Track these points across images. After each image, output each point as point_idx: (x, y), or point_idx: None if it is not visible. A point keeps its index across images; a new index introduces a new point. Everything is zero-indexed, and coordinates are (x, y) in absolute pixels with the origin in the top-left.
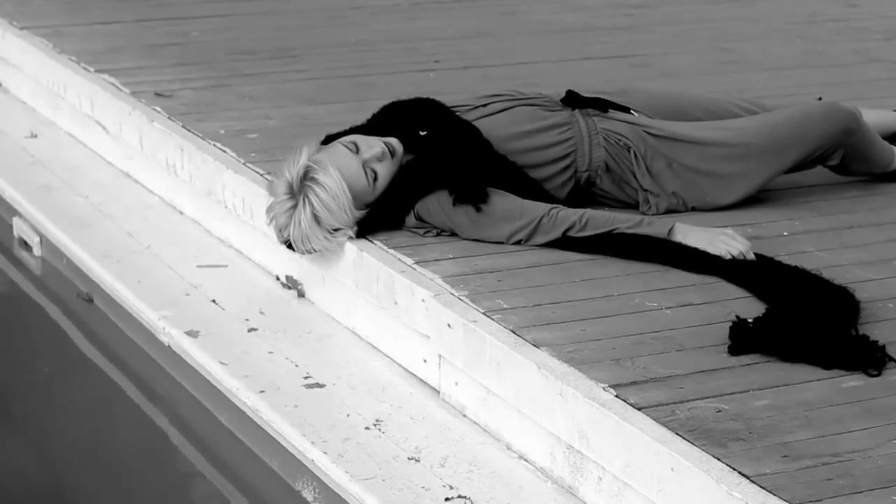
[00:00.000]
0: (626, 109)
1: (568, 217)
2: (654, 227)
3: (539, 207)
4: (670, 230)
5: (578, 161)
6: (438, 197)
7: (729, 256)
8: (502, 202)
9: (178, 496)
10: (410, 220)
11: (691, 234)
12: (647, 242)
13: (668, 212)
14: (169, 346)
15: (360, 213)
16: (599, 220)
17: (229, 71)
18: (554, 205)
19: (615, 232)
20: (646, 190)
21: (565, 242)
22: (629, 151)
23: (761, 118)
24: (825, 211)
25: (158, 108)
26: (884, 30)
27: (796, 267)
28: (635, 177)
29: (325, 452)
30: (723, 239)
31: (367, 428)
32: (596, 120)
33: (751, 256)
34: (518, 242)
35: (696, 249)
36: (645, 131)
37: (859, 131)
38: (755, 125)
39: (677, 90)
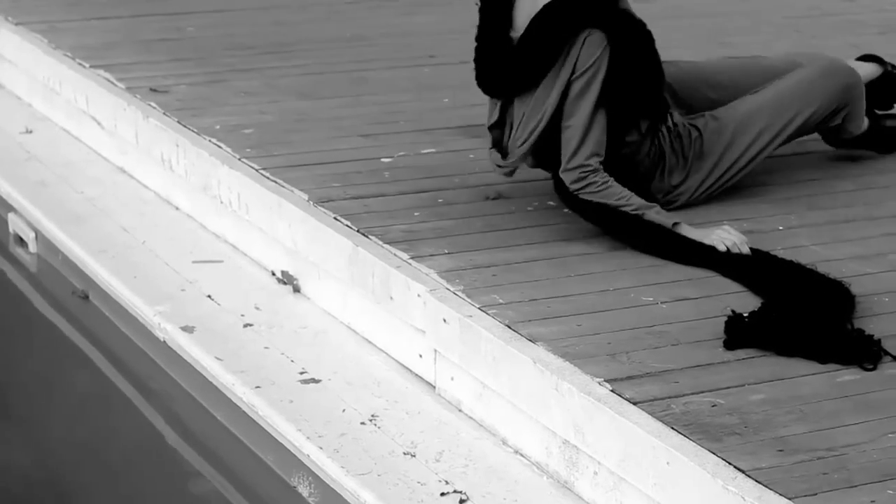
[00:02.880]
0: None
1: (601, 172)
2: (661, 216)
3: (602, 147)
4: (675, 224)
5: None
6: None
7: (723, 247)
8: (594, 115)
9: (173, 492)
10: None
11: (692, 231)
12: (649, 229)
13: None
14: (164, 342)
15: None
16: (619, 190)
17: (225, 66)
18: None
19: (625, 208)
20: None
21: (580, 203)
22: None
23: (768, 92)
24: (821, 205)
25: (154, 104)
26: (881, 24)
27: (791, 261)
28: (666, 171)
29: (321, 448)
30: (718, 233)
31: (362, 423)
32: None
33: (745, 250)
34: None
35: (693, 241)
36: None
37: (859, 85)
38: (764, 100)
39: (700, 63)
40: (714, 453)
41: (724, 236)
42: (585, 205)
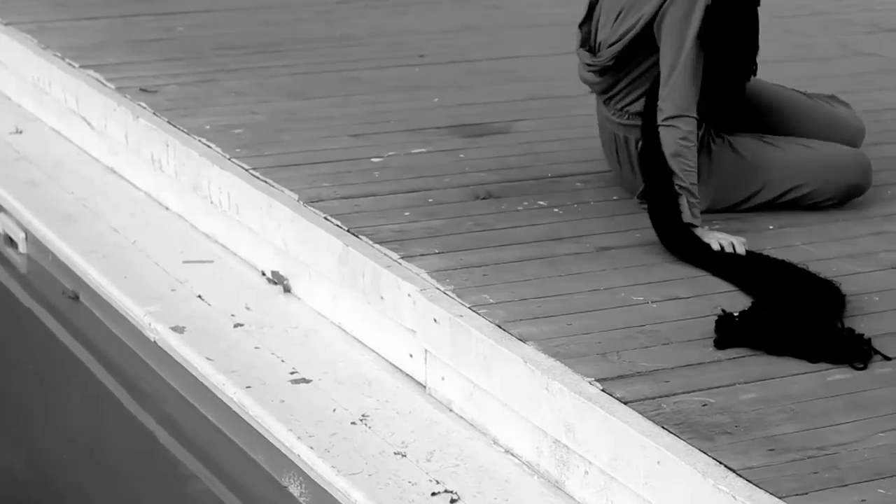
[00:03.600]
0: None
1: (692, 125)
2: (688, 208)
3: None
4: (690, 224)
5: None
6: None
7: (717, 246)
8: (694, 61)
9: (165, 492)
10: None
11: (699, 231)
12: (674, 217)
13: None
14: (155, 342)
15: None
16: (693, 158)
17: (215, 66)
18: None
19: (676, 179)
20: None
21: (657, 152)
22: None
23: (793, 155)
24: None
25: (143, 104)
26: (869, 23)
27: (783, 261)
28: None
29: (312, 447)
30: (716, 235)
31: (353, 423)
32: None
33: (741, 250)
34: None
35: (694, 238)
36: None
37: (866, 187)
38: (786, 159)
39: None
40: (705, 452)
41: (720, 236)
42: (649, 150)
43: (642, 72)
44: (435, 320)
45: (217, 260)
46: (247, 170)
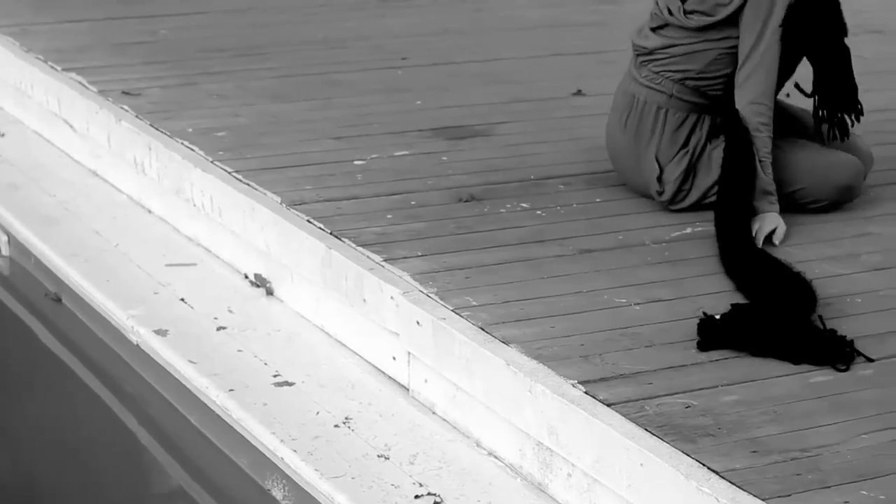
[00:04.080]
0: None
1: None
2: (765, 185)
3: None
4: (766, 196)
5: None
6: None
7: (756, 228)
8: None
9: (147, 495)
10: None
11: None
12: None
13: None
14: (138, 345)
15: None
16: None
17: (197, 69)
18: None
19: (761, 155)
20: None
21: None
22: None
23: (799, 158)
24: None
25: (126, 107)
26: (854, 25)
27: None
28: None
29: (295, 450)
30: (770, 218)
31: (336, 426)
32: None
33: (776, 237)
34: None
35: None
36: None
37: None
38: (793, 159)
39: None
40: (688, 454)
41: (770, 223)
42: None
43: (705, 49)
44: (418, 323)
45: (200, 263)
46: (229, 172)
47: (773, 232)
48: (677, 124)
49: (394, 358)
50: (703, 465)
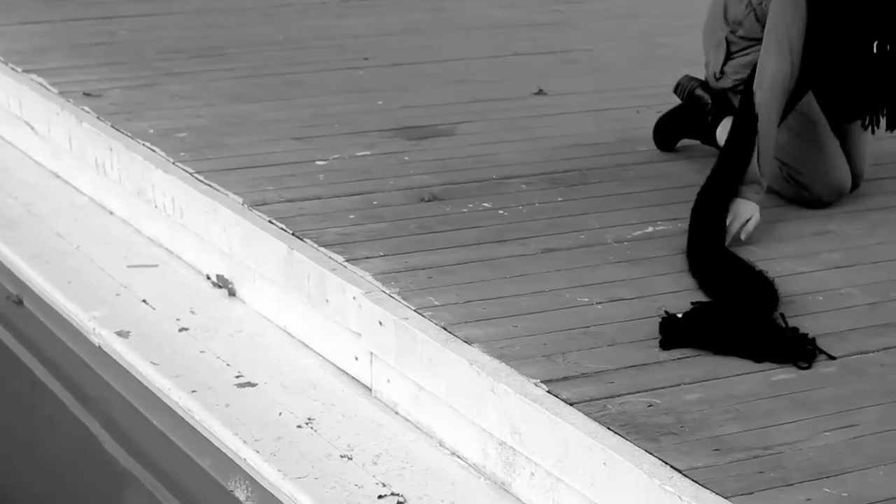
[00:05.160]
0: None
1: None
2: (760, 179)
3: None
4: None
5: None
6: None
7: (731, 218)
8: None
9: (109, 497)
10: None
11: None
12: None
13: None
14: (99, 347)
15: None
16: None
17: (158, 70)
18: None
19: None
20: None
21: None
22: None
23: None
24: None
25: (87, 108)
26: None
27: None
28: None
29: (258, 451)
30: (747, 206)
31: (299, 426)
32: None
33: (748, 227)
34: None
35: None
36: None
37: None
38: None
39: None
40: (650, 453)
41: (746, 211)
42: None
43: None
44: (380, 323)
45: (162, 264)
46: (191, 173)
47: (747, 222)
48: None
49: (356, 358)
50: (666, 463)
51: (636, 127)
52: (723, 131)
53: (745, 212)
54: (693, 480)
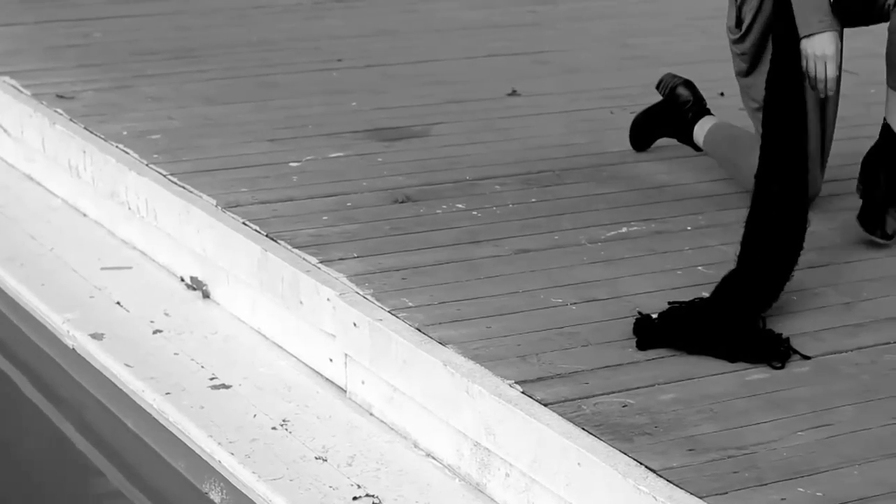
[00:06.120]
0: None
1: None
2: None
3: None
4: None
5: None
6: None
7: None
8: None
9: (84, 500)
10: None
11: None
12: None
13: None
14: (73, 349)
15: None
16: None
17: (131, 72)
18: None
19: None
20: None
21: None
22: None
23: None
24: (728, 205)
25: (60, 110)
26: None
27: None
28: None
29: (232, 453)
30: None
31: (273, 428)
32: None
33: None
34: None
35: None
36: None
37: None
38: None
39: None
40: (625, 453)
41: (817, 53)
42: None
43: None
44: (354, 324)
45: (135, 266)
46: (164, 175)
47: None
48: None
49: (331, 360)
50: (641, 463)
51: (610, 127)
52: (700, 130)
53: (817, 47)
54: (668, 480)
